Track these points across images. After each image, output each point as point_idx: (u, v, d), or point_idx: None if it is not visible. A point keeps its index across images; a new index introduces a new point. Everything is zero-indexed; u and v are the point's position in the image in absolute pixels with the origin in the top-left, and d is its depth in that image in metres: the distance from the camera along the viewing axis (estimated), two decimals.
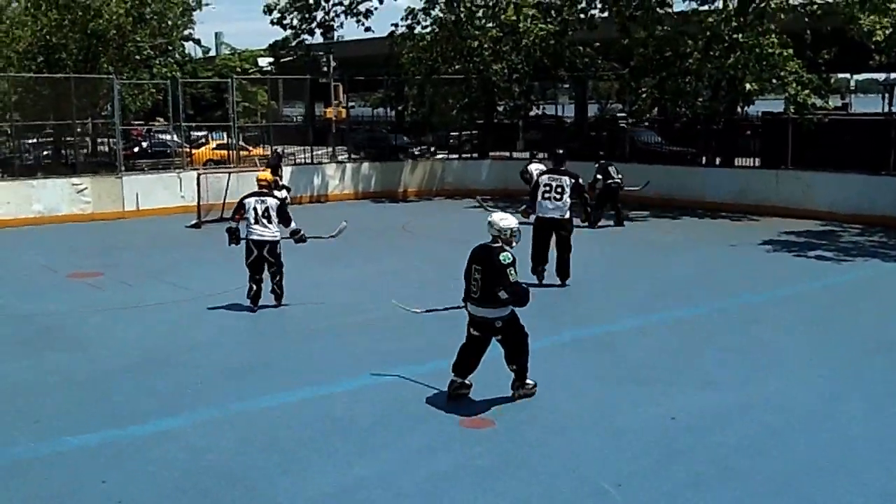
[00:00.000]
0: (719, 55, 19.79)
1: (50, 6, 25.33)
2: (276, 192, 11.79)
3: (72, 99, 21.14)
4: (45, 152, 25.77)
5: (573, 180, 12.16)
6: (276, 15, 25.38)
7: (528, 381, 7.81)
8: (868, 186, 18.41)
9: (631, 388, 8.13)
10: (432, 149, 26.83)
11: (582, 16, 23.02)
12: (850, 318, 10.76)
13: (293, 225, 11.14)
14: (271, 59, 37.14)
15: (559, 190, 12.07)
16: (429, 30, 24.62)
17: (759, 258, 14.72)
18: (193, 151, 26.61)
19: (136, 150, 29.00)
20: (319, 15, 25.64)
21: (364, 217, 20.08)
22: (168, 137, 28.03)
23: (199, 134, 31.27)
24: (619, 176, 18.45)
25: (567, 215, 12.18)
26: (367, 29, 26.11)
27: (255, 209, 10.86)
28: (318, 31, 26.46)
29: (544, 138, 26.68)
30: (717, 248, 15.88)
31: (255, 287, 10.95)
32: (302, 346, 9.59)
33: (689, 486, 6.10)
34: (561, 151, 13.02)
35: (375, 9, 25.63)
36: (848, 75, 55.99)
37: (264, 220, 10.82)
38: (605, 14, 22.44)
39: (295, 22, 25.78)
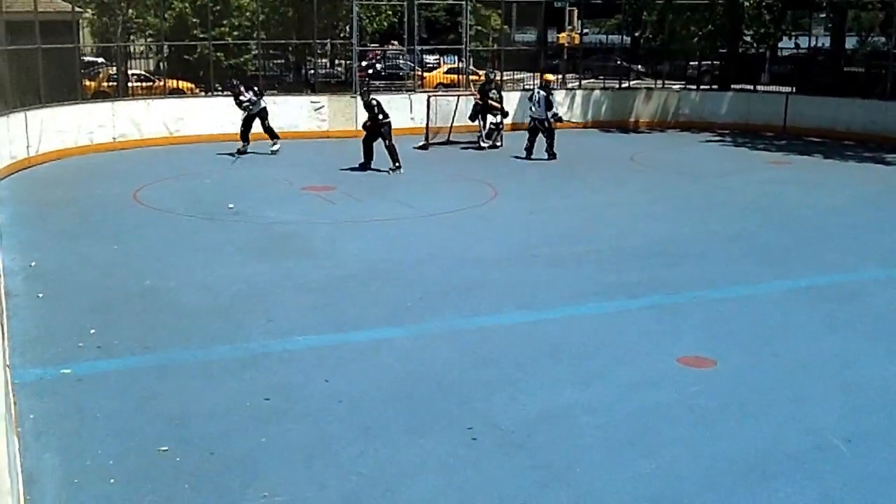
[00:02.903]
0: None
1: None
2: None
3: (313, 20, 22.05)
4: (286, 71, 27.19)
5: None
6: None
7: None
8: None
9: (872, 341, 7.47)
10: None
11: None
12: None
13: (553, 110, 17.25)
14: None
15: None
16: None
17: None
18: (425, 75, 27.09)
19: (370, 71, 29.95)
20: None
21: (592, 146, 19.71)
22: (402, 60, 28.69)
23: (432, 58, 31.75)
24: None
25: None
26: None
27: (529, 98, 17.47)
28: None
29: (794, 71, 24.69)
30: None
31: (529, 145, 17.12)
32: (522, 270, 9.56)
33: None
34: None
35: None
36: None
37: (534, 106, 17.19)
38: None
39: None
